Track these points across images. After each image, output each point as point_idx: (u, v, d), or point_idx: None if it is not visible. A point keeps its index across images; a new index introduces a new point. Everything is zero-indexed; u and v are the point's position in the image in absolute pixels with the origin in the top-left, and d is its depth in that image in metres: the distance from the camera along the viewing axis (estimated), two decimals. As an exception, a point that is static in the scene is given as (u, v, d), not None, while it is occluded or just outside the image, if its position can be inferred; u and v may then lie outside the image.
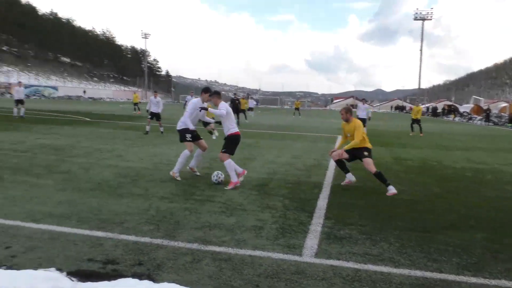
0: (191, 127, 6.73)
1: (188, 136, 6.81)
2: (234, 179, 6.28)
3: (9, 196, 5.17)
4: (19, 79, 75.83)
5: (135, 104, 32.44)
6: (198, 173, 7.12)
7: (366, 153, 6.53)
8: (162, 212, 4.85)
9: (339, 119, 8.29)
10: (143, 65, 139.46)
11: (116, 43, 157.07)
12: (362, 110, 18.25)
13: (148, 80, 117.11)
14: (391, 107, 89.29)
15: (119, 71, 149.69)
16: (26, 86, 69.93)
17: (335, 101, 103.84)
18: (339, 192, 6.36)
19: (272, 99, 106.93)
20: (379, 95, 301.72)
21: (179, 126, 6.83)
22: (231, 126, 6.43)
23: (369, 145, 6.65)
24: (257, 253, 3.70)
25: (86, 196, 5.43)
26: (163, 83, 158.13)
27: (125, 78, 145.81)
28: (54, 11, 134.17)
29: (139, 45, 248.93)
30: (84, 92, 71.63)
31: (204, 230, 4.28)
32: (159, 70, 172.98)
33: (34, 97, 63.96)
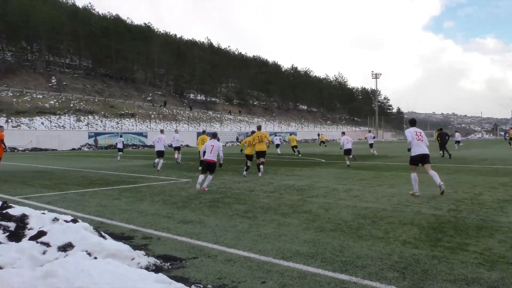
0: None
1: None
2: None
3: (262, 233, 5.72)
4: (265, 128, 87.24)
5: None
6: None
7: None
8: (406, 259, 4.48)
9: None
10: (373, 105, 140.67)
11: (348, 86, 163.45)
12: None
13: (379, 119, 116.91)
14: None
15: (350, 112, 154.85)
16: (271, 134, 79.86)
17: None
18: None
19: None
20: None
21: None
22: None
23: None
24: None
25: (328, 236, 5.53)
26: (395, 120, 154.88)
27: (356, 119, 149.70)
28: (295, 65, 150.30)
29: (369, 85, 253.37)
30: (318, 135, 76.83)
31: (459, 284, 3.70)
32: (390, 107, 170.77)
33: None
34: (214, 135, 11.03)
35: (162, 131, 18.11)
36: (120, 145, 26.50)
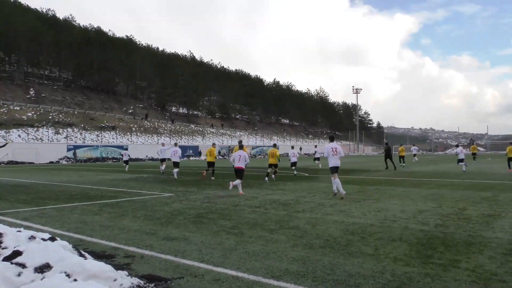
0: None
1: None
2: None
3: (250, 251, 5.55)
4: (248, 142, 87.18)
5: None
6: None
7: None
8: (399, 277, 4.38)
9: None
10: (354, 119, 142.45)
11: (329, 101, 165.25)
12: None
13: (360, 133, 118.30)
14: None
15: (332, 126, 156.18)
16: (254, 147, 79.81)
17: None
18: None
19: (503, 144, 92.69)
20: None
21: None
22: None
23: None
24: None
25: (318, 253, 5.40)
26: (375, 135, 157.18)
27: (337, 133, 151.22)
28: (277, 79, 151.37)
29: (350, 100, 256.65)
30: (301, 149, 77.05)
31: (456, 304, 3.60)
32: (371, 122, 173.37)
33: (260, 156, 72.02)
34: (241, 147, 13.05)
35: (176, 144, 21.07)
36: (126, 158, 29.28)
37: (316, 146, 35.88)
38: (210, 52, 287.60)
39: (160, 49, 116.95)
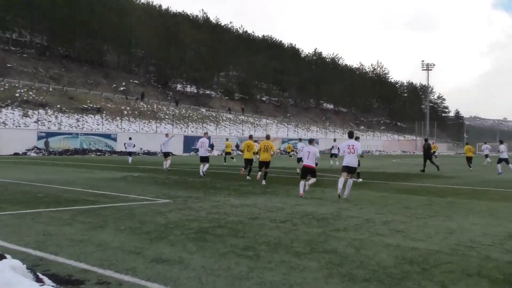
0: None
1: None
2: None
3: (267, 281, 5.45)
4: (277, 133, 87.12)
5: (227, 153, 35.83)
6: None
7: None
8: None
9: None
10: (423, 106, 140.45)
11: (389, 80, 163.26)
12: None
13: (431, 125, 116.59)
14: None
15: (391, 114, 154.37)
16: (284, 140, 79.67)
17: None
18: None
19: None
20: None
21: None
22: None
23: None
24: None
25: (360, 288, 5.27)
26: (452, 128, 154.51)
27: (399, 124, 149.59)
28: (319, 50, 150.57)
29: (419, 79, 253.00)
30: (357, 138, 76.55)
31: None
32: (446, 110, 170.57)
33: (293, 153, 71.91)
34: (310, 141, 15.05)
35: (206, 134, 24.48)
36: (130, 149, 33.06)
37: (335, 140, 39.24)
38: (229, 12, 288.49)
39: (163, 7, 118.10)
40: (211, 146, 35.46)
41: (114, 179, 19.66)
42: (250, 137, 21.84)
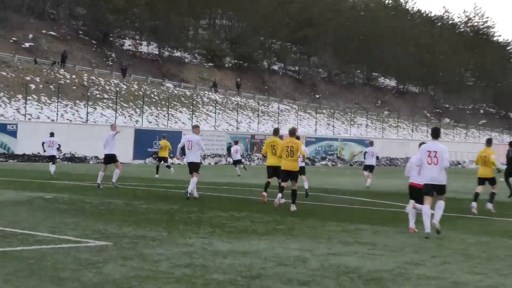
0: None
1: None
2: None
3: None
4: (301, 127, 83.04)
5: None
6: None
7: None
8: None
9: None
10: None
11: (495, 39, 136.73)
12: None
13: None
14: None
15: (498, 101, 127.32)
16: (310, 140, 74.14)
17: None
18: None
19: None
20: None
21: None
22: None
23: None
24: None
25: None
26: None
27: (511, 115, 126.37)
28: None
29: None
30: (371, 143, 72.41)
31: None
32: None
33: (325, 161, 68.11)
34: (371, 143, 17.03)
35: (197, 128, 19.71)
36: (52, 151, 28.69)
37: (371, 144, 28.91)
38: None
39: None
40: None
41: (11, 203, 17.18)
42: (276, 131, 18.34)
